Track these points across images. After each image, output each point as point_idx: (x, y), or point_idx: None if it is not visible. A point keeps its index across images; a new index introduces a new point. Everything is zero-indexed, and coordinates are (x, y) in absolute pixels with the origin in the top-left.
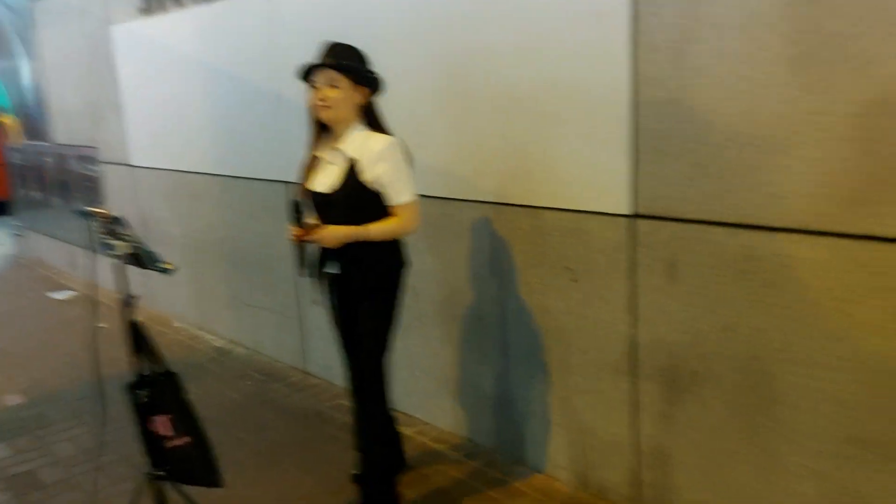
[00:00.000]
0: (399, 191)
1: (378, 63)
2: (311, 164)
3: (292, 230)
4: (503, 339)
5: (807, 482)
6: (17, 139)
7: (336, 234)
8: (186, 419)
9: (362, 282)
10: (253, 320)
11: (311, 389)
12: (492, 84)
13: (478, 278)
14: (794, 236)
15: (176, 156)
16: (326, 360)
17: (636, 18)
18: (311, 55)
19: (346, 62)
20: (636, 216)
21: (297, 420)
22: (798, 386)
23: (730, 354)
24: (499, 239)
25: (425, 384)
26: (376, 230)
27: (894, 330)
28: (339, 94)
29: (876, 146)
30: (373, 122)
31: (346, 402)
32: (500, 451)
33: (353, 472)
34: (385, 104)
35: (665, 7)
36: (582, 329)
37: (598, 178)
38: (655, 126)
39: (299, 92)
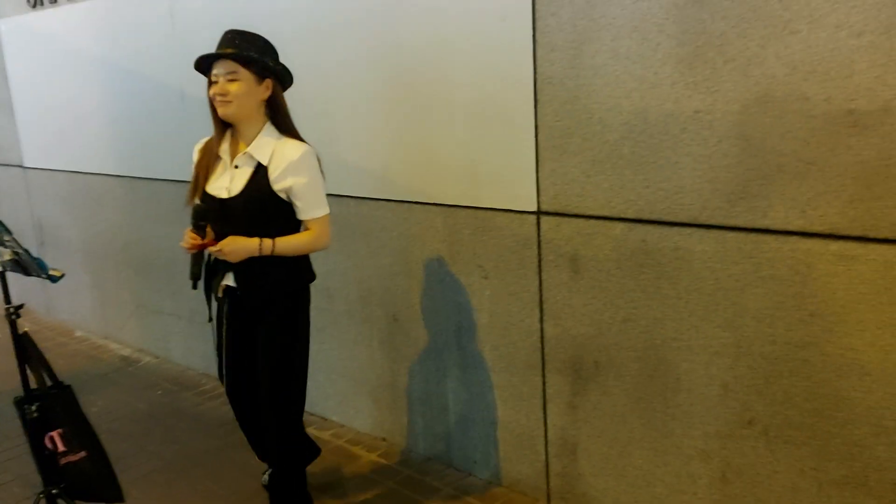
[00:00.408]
0: (313, 204)
1: (286, 59)
2: (210, 164)
3: (189, 237)
4: (417, 337)
5: (698, 462)
6: None
7: (238, 246)
8: (82, 433)
9: (262, 301)
10: (161, 328)
11: (223, 397)
12: (404, 83)
13: (391, 277)
14: (685, 230)
15: (74, 157)
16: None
17: (536, 19)
18: (212, 50)
19: (248, 53)
20: (540, 213)
21: (208, 429)
22: (690, 372)
23: (629, 345)
24: (412, 237)
25: (341, 386)
26: (284, 245)
27: (776, 317)
28: (240, 87)
29: (756, 143)
30: (280, 121)
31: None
32: (417, 450)
33: (264, 480)
34: (295, 101)
35: (563, 8)
36: (493, 325)
37: (505, 176)
38: (556, 124)
39: (202, 87)
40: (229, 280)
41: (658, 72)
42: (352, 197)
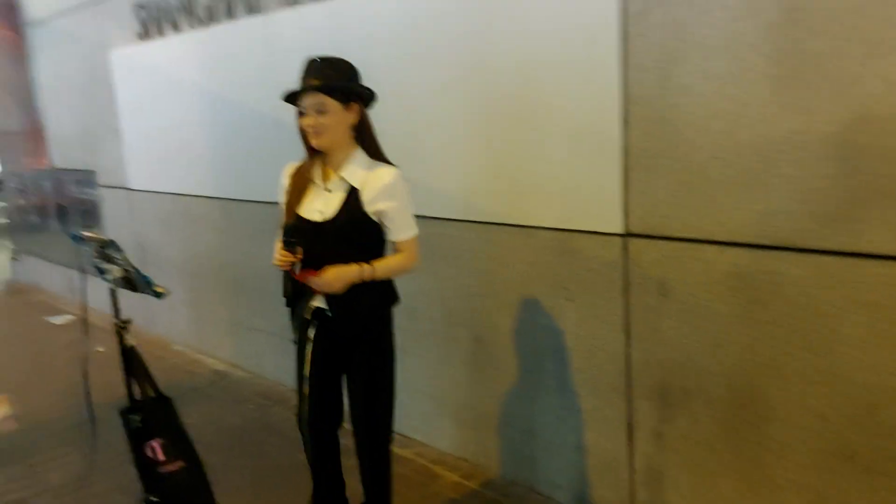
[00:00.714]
0: (404, 226)
1: (375, 83)
2: (302, 188)
3: (281, 255)
4: (500, 359)
5: (792, 494)
6: None
7: (341, 275)
8: (180, 444)
9: (351, 320)
10: (253, 344)
11: None
12: (490, 106)
13: (475, 298)
14: (779, 253)
15: (174, 179)
16: None
17: (625, 39)
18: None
19: (333, 82)
20: (628, 235)
21: (298, 445)
22: (784, 400)
23: (719, 371)
24: (496, 259)
25: (423, 405)
26: (383, 268)
27: (874, 344)
28: (329, 118)
29: (854, 164)
30: (369, 144)
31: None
32: (500, 473)
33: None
34: (383, 124)
35: (652, 29)
36: (578, 348)
37: (591, 197)
38: (644, 145)
39: (294, 113)
40: (319, 302)
41: (750, 91)
42: (437, 218)
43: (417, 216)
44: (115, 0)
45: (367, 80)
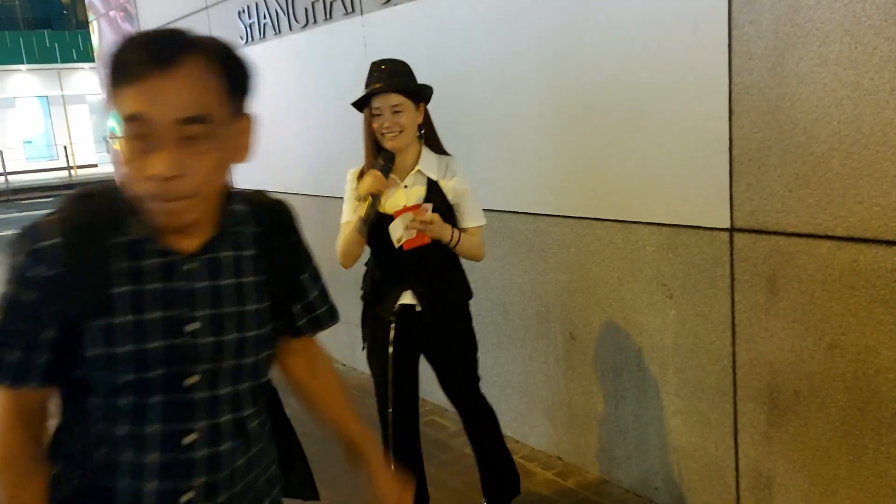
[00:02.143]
0: (476, 213)
1: (471, 81)
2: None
3: (374, 175)
4: (595, 356)
5: None
6: None
7: (438, 224)
8: (283, 432)
9: (438, 314)
10: (348, 337)
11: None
12: (586, 96)
13: (569, 294)
14: None
15: (275, 178)
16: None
17: (732, 27)
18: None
19: (407, 84)
20: (734, 230)
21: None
22: None
23: (836, 374)
24: (591, 254)
25: (516, 402)
26: (465, 241)
27: None
28: (405, 118)
29: None
30: (432, 139)
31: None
32: (594, 472)
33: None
34: (475, 121)
35: (763, 15)
36: (678, 347)
37: (694, 190)
38: (753, 136)
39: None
40: (406, 298)
41: (874, 78)
42: (529, 213)
43: (510, 212)
44: (220, 7)
45: (463, 77)
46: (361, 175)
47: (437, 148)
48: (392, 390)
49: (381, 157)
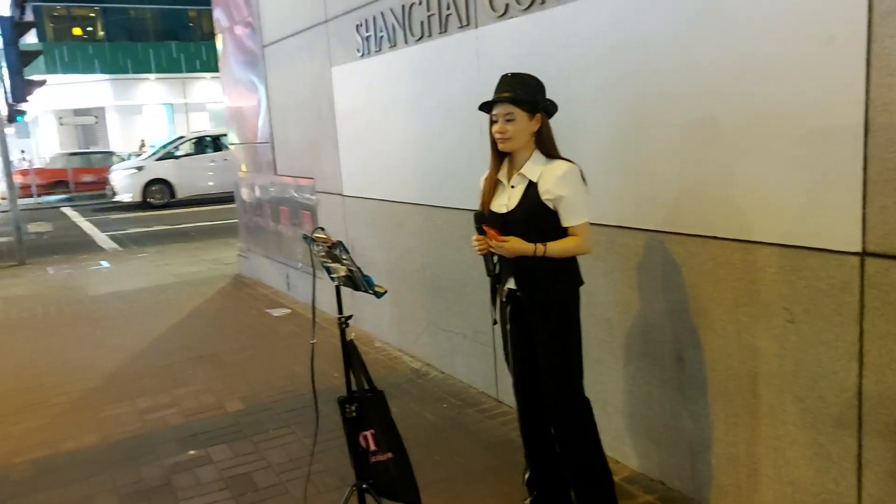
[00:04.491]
0: (576, 212)
1: (580, 92)
2: (492, 188)
3: (475, 240)
4: (705, 379)
5: None
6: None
7: (515, 244)
8: (390, 436)
9: (535, 299)
10: (448, 345)
11: (502, 417)
12: (701, 108)
13: (678, 314)
14: None
15: (383, 186)
16: None
17: (871, 40)
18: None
19: (521, 95)
20: (865, 254)
21: (489, 447)
22: None
23: None
24: (704, 274)
25: (617, 421)
26: (553, 247)
27: None
28: (516, 126)
29: None
30: (546, 146)
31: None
32: (699, 499)
33: None
34: (585, 132)
35: None
36: (798, 375)
37: (822, 211)
38: (890, 155)
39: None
40: (511, 284)
41: None
42: (639, 229)
43: (618, 227)
44: (339, 20)
45: (572, 90)
46: (489, 176)
47: (551, 153)
48: (511, 366)
49: (475, 220)
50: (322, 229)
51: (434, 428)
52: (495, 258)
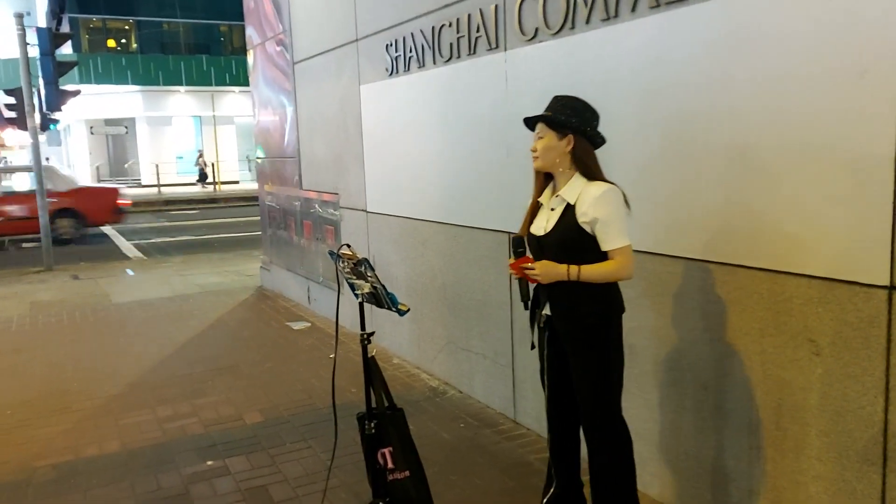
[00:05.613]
0: (614, 235)
1: (612, 118)
2: (533, 210)
3: (510, 263)
4: (729, 409)
5: None
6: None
7: (549, 268)
8: (408, 454)
9: (569, 325)
10: (467, 364)
11: (520, 439)
12: (733, 134)
13: (703, 342)
14: None
15: (407, 204)
16: (538, 412)
17: None
18: (541, 111)
19: (551, 114)
20: (893, 288)
21: (506, 469)
22: None
23: None
24: (731, 302)
25: (639, 448)
26: (589, 271)
27: None
28: (543, 144)
29: None
30: (585, 168)
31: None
32: None
33: None
34: (610, 157)
35: None
36: (824, 408)
37: (851, 244)
38: None
39: (527, 146)
40: (547, 310)
41: None
42: (665, 255)
43: (645, 252)
44: (369, 40)
45: (602, 114)
46: (534, 197)
47: (592, 176)
48: (546, 389)
49: (512, 244)
50: (348, 246)
51: (451, 447)
52: (532, 284)
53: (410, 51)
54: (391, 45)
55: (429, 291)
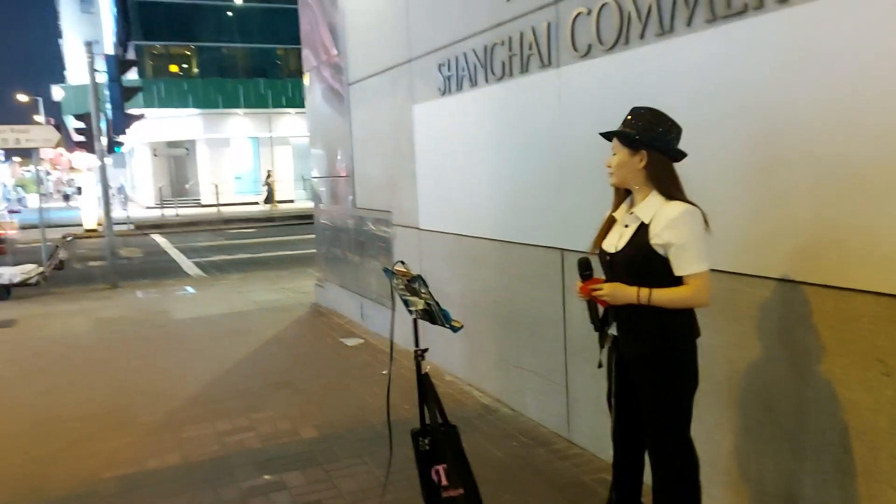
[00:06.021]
0: (688, 260)
1: None
2: (607, 225)
3: (578, 284)
4: (793, 431)
5: None
6: None
7: (618, 290)
8: (462, 472)
9: (637, 349)
10: (519, 382)
11: (574, 459)
12: (795, 145)
13: (766, 362)
14: None
15: (459, 221)
16: (592, 431)
17: None
18: (595, 128)
19: (623, 130)
20: None
21: (560, 489)
22: None
23: None
24: (795, 320)
25: None
26: (660, 295)
27: None
28: (617, 160)
29: None
30: (662, 185)
31: (609, 477)
32: None
33: None
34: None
35: None
36: (892, 431)
37: None
38: None
39: (580, 162)
40: (613, 330)
41: None
42: (725, 272)
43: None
44: (422, 60)
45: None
46: (610, 213)
47: (670, 194)
48: (613, 411)
49: (578, 266)
50: (402, 263)
51: (504, 466)
52: (600, 306)
53: (463, 70)
54: (444, 64)
55: (481, 308)
